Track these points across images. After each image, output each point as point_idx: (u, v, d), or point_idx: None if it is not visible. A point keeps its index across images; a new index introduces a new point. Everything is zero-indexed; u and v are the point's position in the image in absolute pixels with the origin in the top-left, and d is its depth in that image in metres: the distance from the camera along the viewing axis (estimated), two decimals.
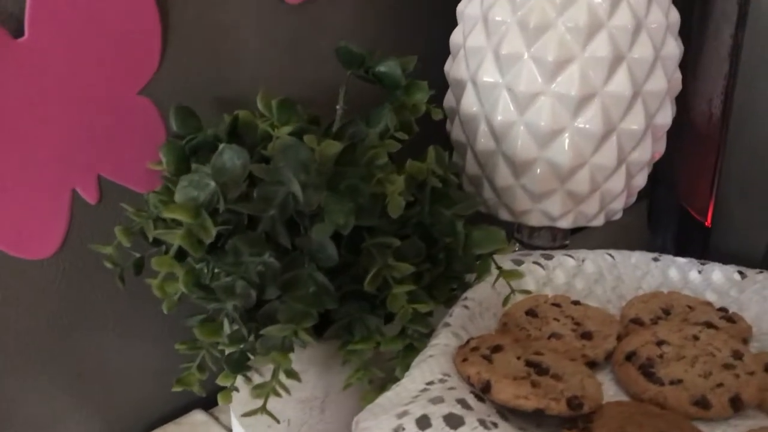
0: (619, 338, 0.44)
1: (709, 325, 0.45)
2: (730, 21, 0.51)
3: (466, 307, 0.46)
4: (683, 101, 0.58)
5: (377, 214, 0.40)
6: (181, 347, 0.41)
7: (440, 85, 0.54)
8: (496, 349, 0.40)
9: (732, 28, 0.51)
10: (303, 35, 0.53)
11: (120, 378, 0.51)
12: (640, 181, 0.54)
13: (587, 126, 0.49)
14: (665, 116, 0.52)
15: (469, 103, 0.52)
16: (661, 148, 0.54)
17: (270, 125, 0.46)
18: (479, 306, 0.46)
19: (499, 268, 0.43)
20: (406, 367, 0.40)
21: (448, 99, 0.55)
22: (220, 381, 0.43)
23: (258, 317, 0.41)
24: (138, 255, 0.43)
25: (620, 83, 0.48)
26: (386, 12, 0.58)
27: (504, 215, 0.54)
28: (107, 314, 0.48)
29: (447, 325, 0.43)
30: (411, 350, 0.41)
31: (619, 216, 0.55)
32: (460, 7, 0.53)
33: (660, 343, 0.43)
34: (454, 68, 0.53)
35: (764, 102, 0.52)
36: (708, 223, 0.56)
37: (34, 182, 0.42)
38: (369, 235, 0.41)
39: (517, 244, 0.59)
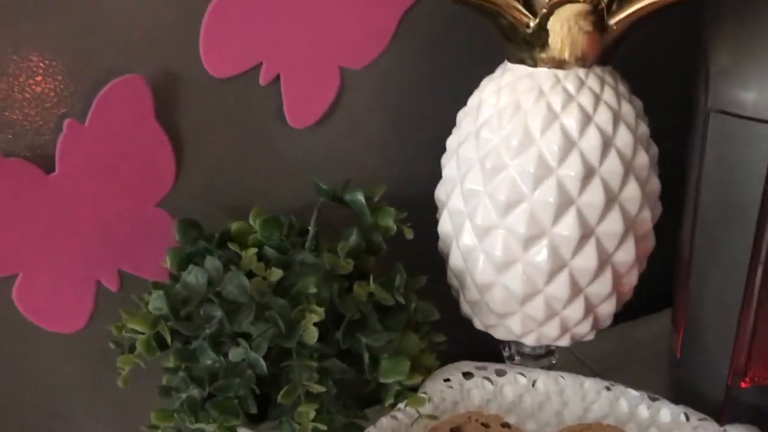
0: None
1: None
2: (695, 162, 0.52)
3: (394, 417, 0.51)
4: (680, 229, 0.59)
5: (296, 339, 0.47)
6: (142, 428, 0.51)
7: None
8: None
9: (697, 170, 0.52)
10: (310, 155, 0.61)
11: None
12: (607, 309, 0.56)
13: (538, 260, 0.52)
14: (627, 254, 0.53)
15: (445, 223, 0.57)
16: (631, 281, 0.56)
17: (255, 240, 0.55)
18: (410, 418, 0.52)
19: (400, 394, 0.48)
20: None
21: (438, 215, 0.60)
22: None
23: (206, 407, 0.50)
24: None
25: (568, 225, 0.51)
26: (399, 135, 0.64)
27: (477, 324, 0.59)
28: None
29: None
30: None
31: (590, 338, 0.58)
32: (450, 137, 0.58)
33: None
34: (438, 189, 0.59)
35: (721, 250, 0.52)
36: (678, 354, 0.57)
37: (66, 277, 0.55)
38: (296, 353, 0.48)
39: (506, 348, 0.63)
